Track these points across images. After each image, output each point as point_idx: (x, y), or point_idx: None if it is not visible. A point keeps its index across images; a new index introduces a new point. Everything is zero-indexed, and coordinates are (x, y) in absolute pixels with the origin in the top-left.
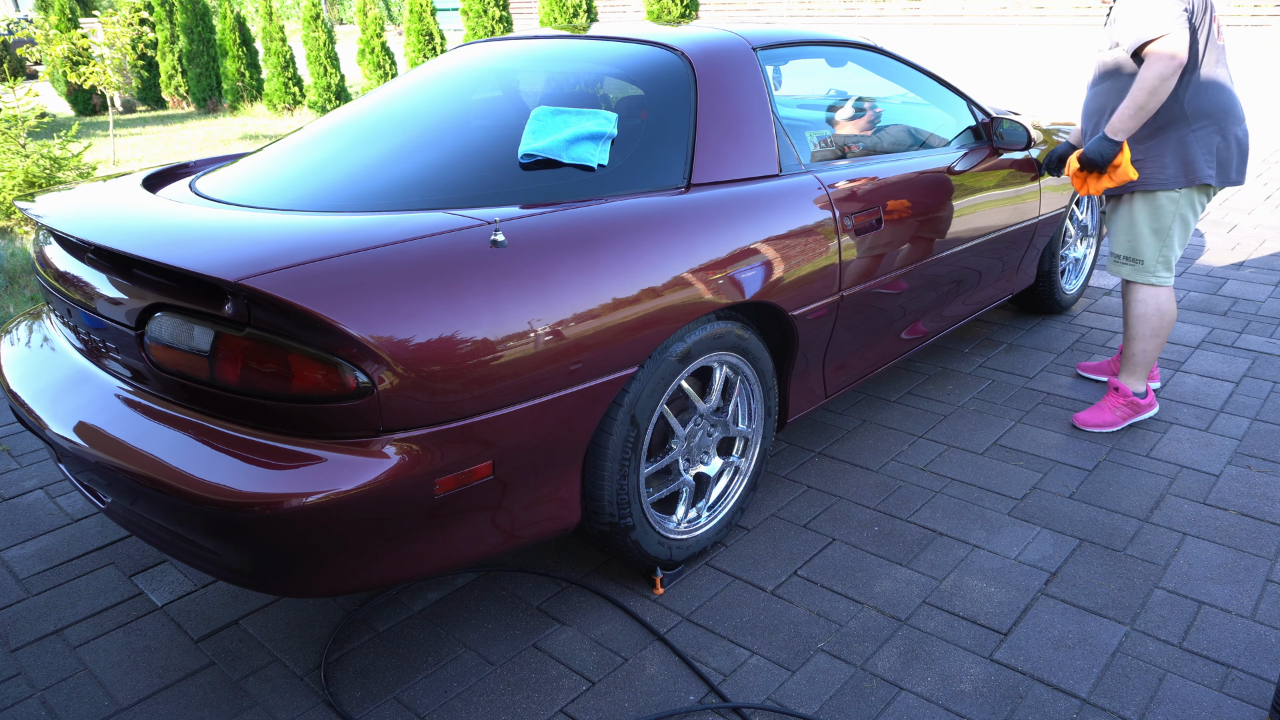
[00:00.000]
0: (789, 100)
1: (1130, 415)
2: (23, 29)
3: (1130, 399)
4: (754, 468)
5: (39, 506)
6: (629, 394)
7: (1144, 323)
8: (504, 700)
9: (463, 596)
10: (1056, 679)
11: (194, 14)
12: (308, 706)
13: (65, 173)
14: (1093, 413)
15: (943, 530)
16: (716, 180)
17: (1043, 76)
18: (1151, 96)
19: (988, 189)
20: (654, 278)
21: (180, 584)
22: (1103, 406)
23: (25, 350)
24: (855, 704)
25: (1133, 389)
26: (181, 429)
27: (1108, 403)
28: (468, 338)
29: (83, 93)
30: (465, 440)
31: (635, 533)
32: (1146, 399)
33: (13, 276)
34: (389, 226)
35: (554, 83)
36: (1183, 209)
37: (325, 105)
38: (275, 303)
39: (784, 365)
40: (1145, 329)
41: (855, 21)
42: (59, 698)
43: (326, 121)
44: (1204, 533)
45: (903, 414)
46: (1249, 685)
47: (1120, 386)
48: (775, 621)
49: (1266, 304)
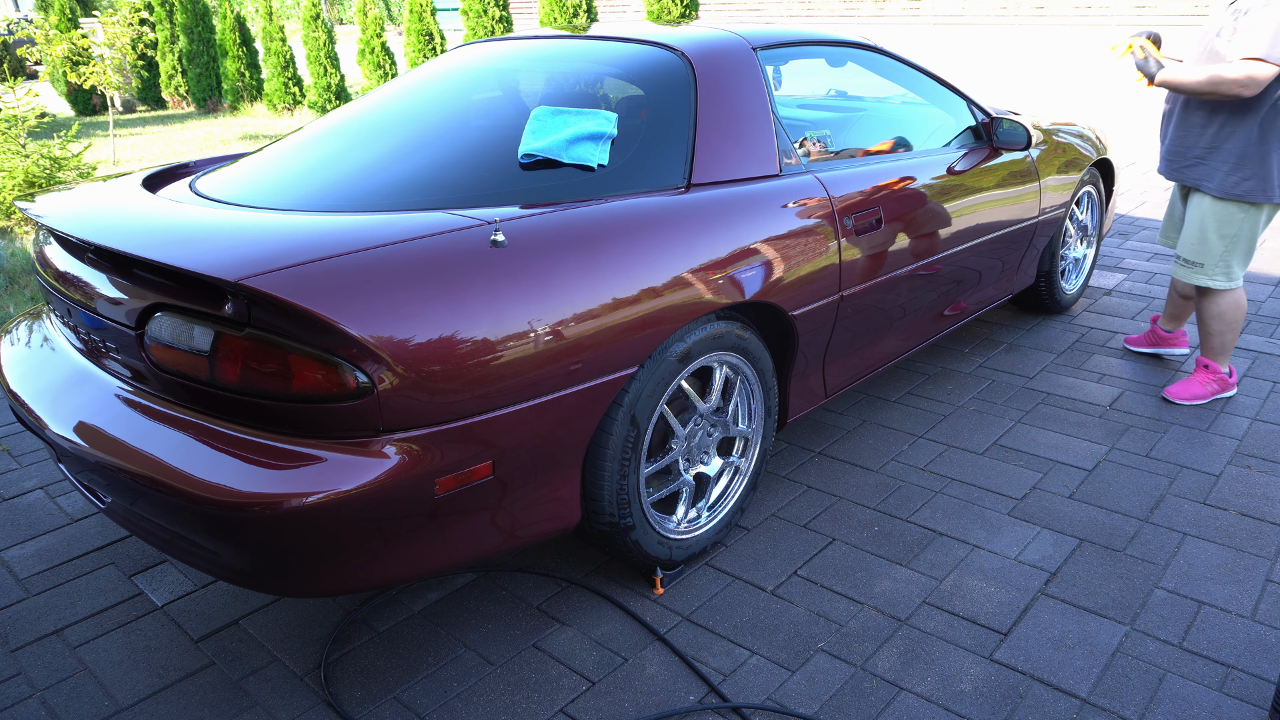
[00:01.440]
0: (789, 100)
1: (1218, 390)
2: (23, 29)
3: (1219, 375)
4: (754, 468)
5: (39, 506)
6: (629, 394)
7: (1214, 320)
8: (504, 700)
9: (463, 596)
10: (1056, 679)
11: (194, 14)
12: (308, 706)
13: (65, 173)
14: (1183, 385)
15: (943, 530)
16: (716, 180)
17: (1043, 76)
18: (1215, 89)
19: (988, 189)
20: (654, 278)
21: (180, 584)
22: (1193, 380)
23: (25, 350)
24: (855, 704)
25: (1221, 366)
26: (181, 429)
27: (1199, 377)
28: (468, 338)
29: (83, 93)
30: (465, 440)
31: (635, 533)
32: (1233, 377)
33: (13, 276)
34: (389, 226)
35: (554, 83)
36: (1253, 222)
37: (325, 105)
38: (275, 303)
39: (784, 365)
40: (1217, 326)
41: (855, 21)
42: (59, 698)
43: (326, 121)
44: (1204, 533)
45: (903, 414)
46: (1249, 685)
47: (1210, 364)
48: (775, 621)
49: (1266, 304)
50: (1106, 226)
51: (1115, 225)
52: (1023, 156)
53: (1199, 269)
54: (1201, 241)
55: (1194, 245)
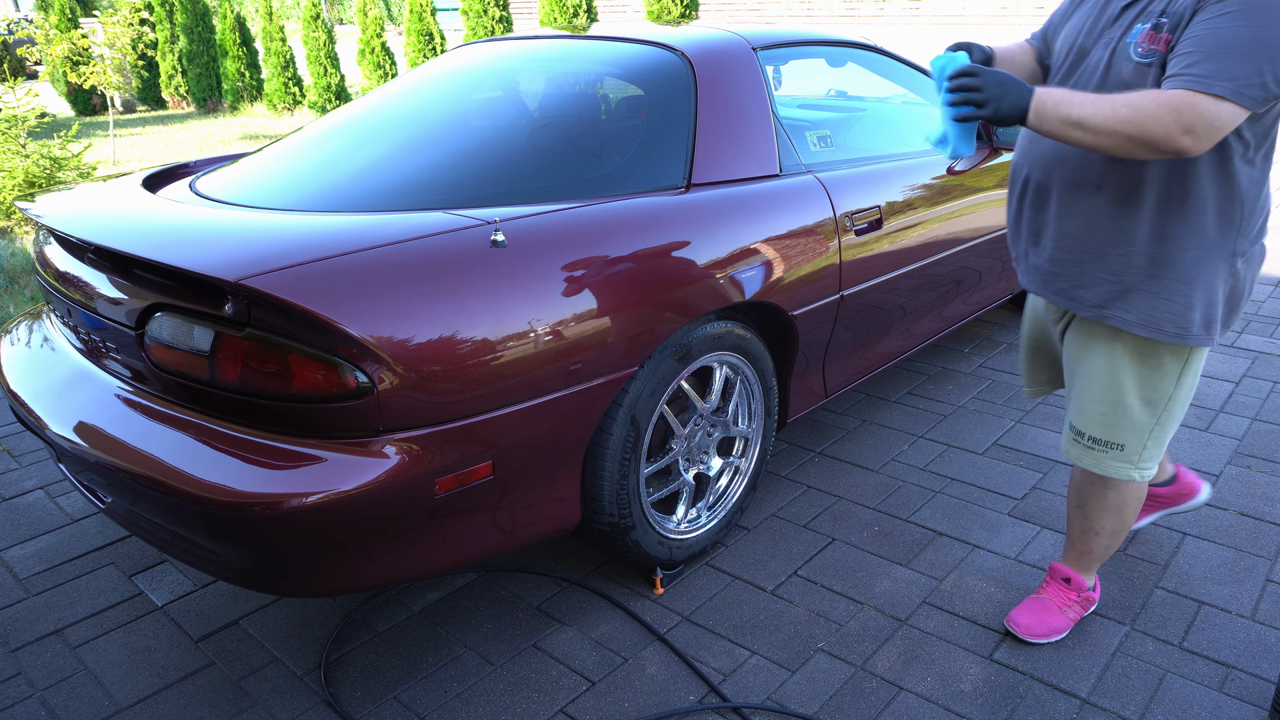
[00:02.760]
0: (789, 100)
1: (1082, 613)
2: (23, 29)
3: (1084, 592)
4: (754, 468)
5: (39, 506)
6: (629, 394)
7: (1117, 515)
8: (504, 700)
9: (463, 596)
10: (1056, 679)
11: (194, 14)
12: (308, 706)
13: (65, 173)
14: (1037, 613)
15: (943, 530)
16: (716, 180)
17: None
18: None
19: (988, 189)
20: (654, 278)
21: (180, 584)
22: (1047, 605)
23: (25, 350)
24: (855, 704)
25: (1087, 582)
26: (181, 429)
27: (1058, 598)
28: (468, 338)
29: (83, 93)
30: (465, 440)
31: (635, 533)
32: (1095, 590)
33: (13, 276)
34: (389, 226)
35: (554, 83)
36: (1194, 368)
37: (325, 105)
38: (275, 303)
39: (784, 365)
40: (1110, 525)
41: (855, 21)
42: (59, 698)
43: (326, 122)
44: (1204, 533)
45: (903, 414)
46: (1249, 685)
47: (1074, 577)
48: (775, 621)
49: (1266, 304)
50: None
51: None
52: None
53: (1119, 453)
54: (1121, 410)
55: (1105, 417)
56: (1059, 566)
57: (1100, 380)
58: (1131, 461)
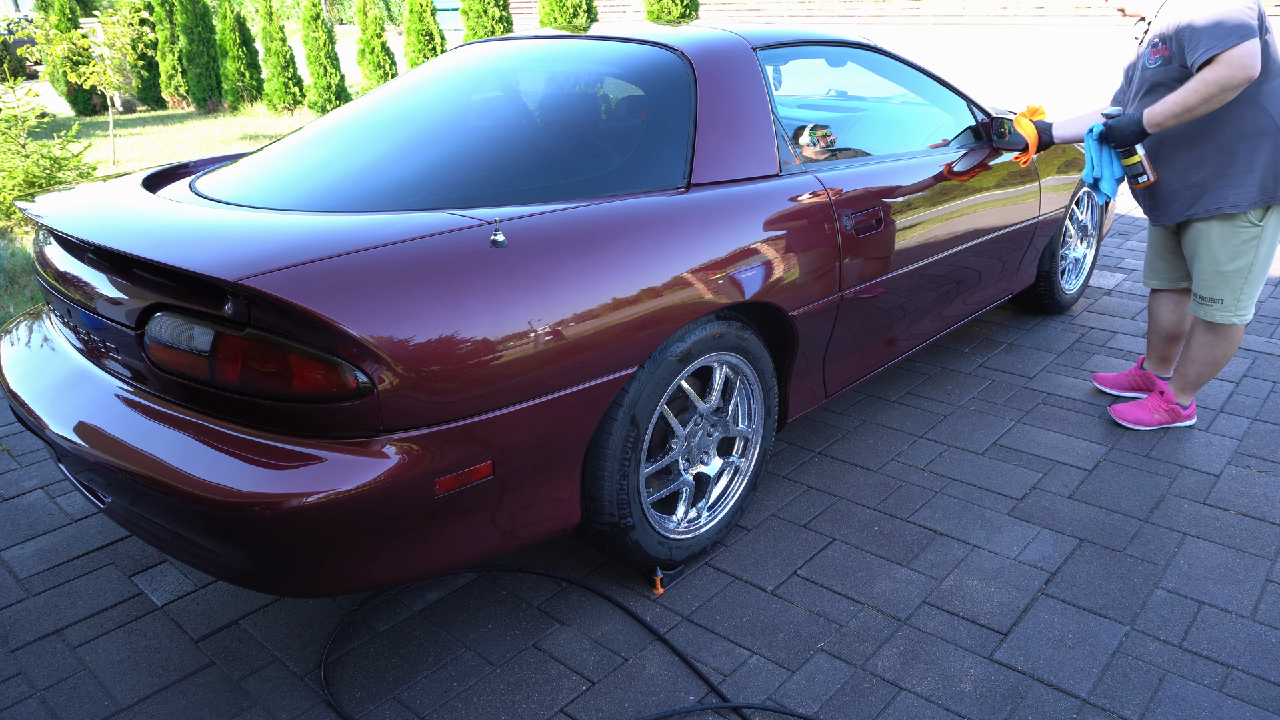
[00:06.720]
0: (789, 100)
1: (1168, 421)
2: (23, 29)
3: (1173, 406)
4: (754, 468)
5: (39, 506)
6: (629, 394)
7: (1209, 350)
8: (504, 700)
9: (463, 596)
10: (1056, 679)
11: (194, 14)
12: (308, 706)
13: (65, 173)
14: (1132, 408)
15: (943, 530)
16: (716, 180)
17: (1043, 77)
18: (1206, 102)
19: (988, 189)
20: (654, 278)
21: (180, 584)
22: (1144, 405)
23: (25, 350)
24: (855, 704)
25: (1179, 399)
26: (181, 429)
27: (1150, 403)
28: (468, 338)
29: (83, 93)
30: (465, 440)
31: (635, 533)
32: (1188, 410)
33: (13, 276)
34: (389, 226)
35: (554, 83)
36: (1270, 231)
37: (325, 105)
38: (275, 303)
39: (784, 365)
40: (1207, 355)
41: (855, 21)
42: (59, 698)
43: (326, 121)
44: (1204, 533)
45: (903, 414)
46: (1249, 685)
47: (1166, 391)
48: (775, 621)
49: (1267, 304)
50: (1106, 226)
51: (1115, 225)
52: None
53: (1219, 306)
54: (1216, 272)
55: (1209, 279)
56: (1161, 382)
57: (1202, 256)
58: (1231, 310)
